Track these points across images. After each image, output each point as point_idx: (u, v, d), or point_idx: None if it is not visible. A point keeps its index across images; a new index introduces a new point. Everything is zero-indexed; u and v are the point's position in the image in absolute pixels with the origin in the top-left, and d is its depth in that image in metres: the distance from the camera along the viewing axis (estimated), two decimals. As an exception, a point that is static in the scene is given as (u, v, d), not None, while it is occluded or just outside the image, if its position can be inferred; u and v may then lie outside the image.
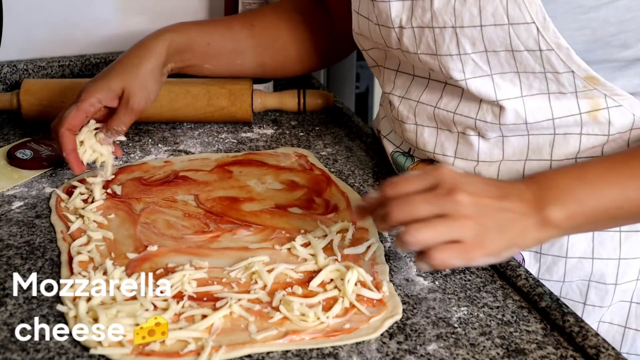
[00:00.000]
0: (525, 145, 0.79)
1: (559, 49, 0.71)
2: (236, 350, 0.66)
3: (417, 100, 0.84)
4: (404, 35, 0.79)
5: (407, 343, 0.68)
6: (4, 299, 0.72)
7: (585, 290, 0.82)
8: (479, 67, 0.76)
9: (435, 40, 0.77)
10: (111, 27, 1.27)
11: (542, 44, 0.71)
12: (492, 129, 0.79)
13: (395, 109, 0.87)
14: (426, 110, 0.83)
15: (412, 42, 0.79)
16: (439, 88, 0.82)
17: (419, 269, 0.69)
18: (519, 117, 0.77)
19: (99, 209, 0.87)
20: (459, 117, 0.80)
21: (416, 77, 0.84)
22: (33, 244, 0.81)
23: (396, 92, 0.87)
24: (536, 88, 0.75)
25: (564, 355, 0.67)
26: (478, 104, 0.79)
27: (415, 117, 0.85)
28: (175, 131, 1.11)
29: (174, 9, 1.30)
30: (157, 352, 0.65)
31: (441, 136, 0.84)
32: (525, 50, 0.72)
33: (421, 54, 0.79)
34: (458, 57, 0.76)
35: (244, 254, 0.79)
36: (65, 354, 0.65)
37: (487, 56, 0.75)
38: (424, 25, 0.77)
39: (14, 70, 1.20)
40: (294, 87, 1.25)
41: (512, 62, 0.74)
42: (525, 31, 0.71)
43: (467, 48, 0.75)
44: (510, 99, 0.76)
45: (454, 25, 0.74)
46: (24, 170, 0.97)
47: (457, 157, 0.83)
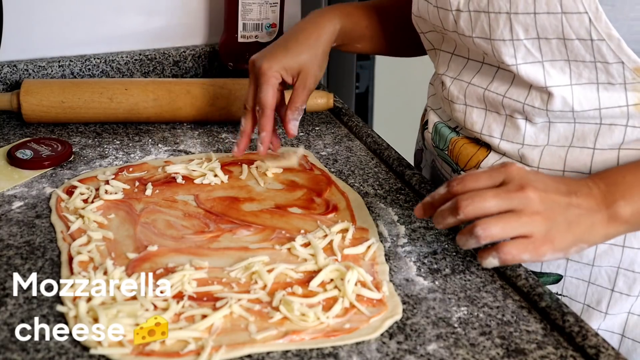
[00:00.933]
0: (571, 132, 0.80)
1: (610, 39, 0.72)
2: (236, 350, 0.66)
3: (468, 82, 0.86)
4: (460, 18, 0.82)
5: (407, 343, 0.68)
6: (4, 299, 0.72)
7: (614, 277, 0.83)
8: (531, 54, 0.77)
9: (490, 25, 0.78)
10: (111, 27, 1.27)
11: (594, 34, 0.72)
12: (539, 114, 0.80)
13: (446, 89, 0.89)
14: (476, 92, 0.85)
15: (468, 25, 0.81)
16: (492, 72, 0.83)
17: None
18: (567, 104, 0.77)
19: (99, 209, 0.87)
20: (508, 100, 0.82)
21: (470, 61, 0.86)
22: (33, 244, 0.81)
23: (449, 74, 0.89)
24: (585, 77, 0.76)
25: (563, 355, 0.67)
26: (527, 90, 0.80)
27: (466, 98, 0.87)
28: (175, 131, 1.11)
29: (174, 9, 1.30)
30: (157, 352, 0.65)
31: (489, 118, 0.85)
32: (577, 39, 0.73)
33: (476, 38, 0.81)
34: (511, 43, 0.78)
35: (244, 254, 0.79)
36: (65, 354, 0.66)
37: (539, 43, 0.76)
38: (480, 10, 0.79)
39: (14, 70, 1.20)
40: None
41: (563, 50, 0.75)
42: (578, 20, 0.72)
43: (520, 34, 0.76)
44: (560, 86, 0.77)
45: (509, 11, 0.76)
46: (24, 170, 0.97)
47: (503, 139, 0.84)
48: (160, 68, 1.29)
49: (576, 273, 0.84)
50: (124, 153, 1.03)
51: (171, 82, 1.12)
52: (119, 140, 1.07)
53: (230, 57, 1.23)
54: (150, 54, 1.28)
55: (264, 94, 0.92)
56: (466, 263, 0.80)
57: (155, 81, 1.13)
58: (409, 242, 0.84)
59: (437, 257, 0.81)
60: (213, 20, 1.32)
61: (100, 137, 1.08)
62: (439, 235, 0.85)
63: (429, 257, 0.81)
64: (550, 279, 0.86)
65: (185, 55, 1.30)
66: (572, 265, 0.84)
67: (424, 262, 0.80)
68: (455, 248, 0.83)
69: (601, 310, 0.84)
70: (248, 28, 1.20)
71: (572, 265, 0.84)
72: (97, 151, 1.04)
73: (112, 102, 1.09)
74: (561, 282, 0.85)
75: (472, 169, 0.87)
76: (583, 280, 0.84)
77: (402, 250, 0.82)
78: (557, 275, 0.85)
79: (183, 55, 1.30)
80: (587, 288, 0.84)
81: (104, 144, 1.06)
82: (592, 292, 0.84)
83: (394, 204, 0.92)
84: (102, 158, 1.02)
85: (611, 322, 0.84)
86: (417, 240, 0.84)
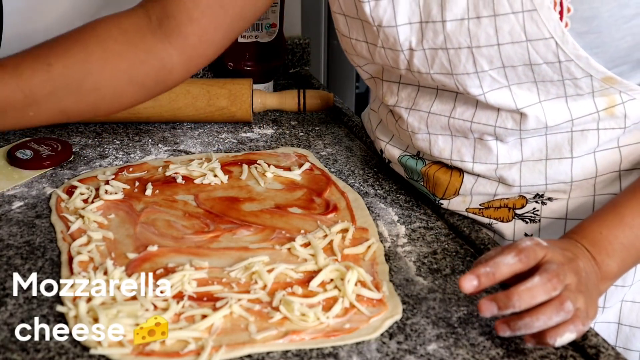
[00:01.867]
0: (544, 144, 0.80)
1: (578, 59, 0.72)
2: (236, 350, 0.66)
3: (427, 111, 0.84)
4: (414, 57, 0.79)
5: (407, 343, 0.68)
6: (4, 299, 0.72)
7: None
8: (497, 81, 0.76)
9: (450, 61, 0.76)
10: (111, 27, 1.27)
11: (562, 56, 0.72)
12: (512, 134, 0.80)
13: (404, 121, 0.86)
14: (440, 120, 0.83)
15: (424, 63, 0.78)
16: (451, 97, 0.82)
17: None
18: (540, 122, 0.77)
19: (99, 209, 0.87)
20: (476, 125, 0.80)
21: (422, 88, 0.84)
22: (33, 244, 0.81)
23: (402, 105, 0.86)
24: (553, 93, 0.76)
25: (564, 355, 0.67)
26: (496, 112, 0.79)
27: (428, 128, 0.84)
28: (175, 131, 1.11)
29: (174, 9, 1.30)
30: (157, 352, 0.65)
31: (457, 142, 0.83)
32: (544, 63, 0.73)
33: (434, 74, 0.79)
34: (475, 75, 0.76)
35: (244, 254, 0.79)
36: (65, 354, 0.66)
37: (504, 71, 0.75)
38: (437, 47, 0.76)
39: (14, 70, 1.19)
40: (294, 87, 1.26)
41: (529, 74, 0.75)
42: (544, 46, 0.72)
43: (484, 66, 0.75)
44: (530, 105, 0.77)
45: (470, 45, 0.74)
46: (24, 170, 0.97)
47: (476, 162, 0.83)
48: (160, 68, 1.29)
49: None
50: (124, 153, 1.03)
51: (171, 82, 1.12)
52: (119, 140, 1.07)
53: (230, 57, 1.23)
54: (150, 54, 1.28)
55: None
56: (466, 263, 0.80)
57: (155, 81, 1.13)
58: (409, 242, 0.84)
59: (437, 257, 0.81)
60: (213, 20, 1.32)
61: (100, 137, 1.08)
62: (439, 235, 0.85)
63: (429, 257, 0.81)
64: None
65: (185, 55, 1.30)
66: None
67: (424, 262, 0.80)
68: (455, 248, 0.83)
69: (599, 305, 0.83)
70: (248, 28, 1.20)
71: None
72: (97, 151, 1.04)
73: (112, 102, 1.09)
74: None
75: (452, 196, 0.86)
76: None
77: (402, 250, 0.82)
78: None
79: (183, 55, 1.30)
80: None
81: (104, 144, 1.06)
82: None
83: (394, 204, 0.92)
84: (102, 158, 1.02)
85: (607, 314, 0.85)
86: (417, 240, 0.84)
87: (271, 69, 1.25)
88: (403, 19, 0.77)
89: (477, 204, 0.86)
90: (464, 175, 0.85)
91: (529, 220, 0.84)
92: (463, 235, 0.85)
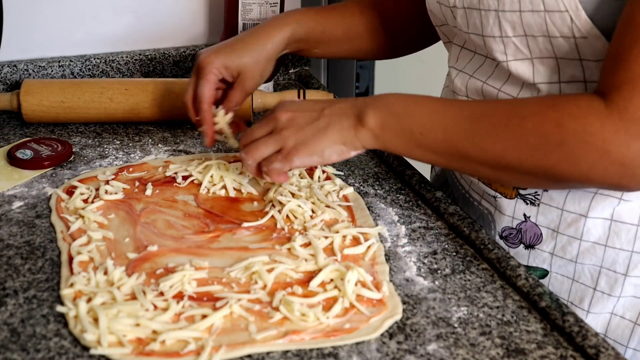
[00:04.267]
0: None
1: (591, 37, 0.73)
2: (236, 350, 0.66)
3: (470, 74, 0.87)
4: (457, 14, 0.84)
5: (407, 343, 0.68)
6: (4, 299, 0.72)
7: (596, 276, 0.83)
8: (520, 51, 0.78)
9: (481, 22, 0.80)
10: (111, 27, 1.27)
11: (576, 32, 0.73)
12: None
13: (451, 81, 0.90)
14: (476, 85, 0.86)
15: (464, 21, 0.83)
16: (492, 66, 0.84)
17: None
18: None
19: (99, 209, 0.87)
20: (502, 94, 0.83)
21: (476, 55, 0.87)
22: (33, 244, 0.81)
23: (457, 66, 0.90)
24: (573, 75, 0.77)
25: (563, 355, 0.67)
26: (520, 86, 0.81)
27: (467, 91, 0.87)
28: (175, 131, 1.11)
29: (174, 9, 1.30)
30: (157, 352, 0.65)
31: None
32: (561, 37, 0.74)
33: (471, 34, 0.83)
34: (500, 39, 0.79)
35: (244, 254, 0.79)
36: (65, 354, 0.66)
37: (526, 40, 0.77)
38: (472, 7, 0.81)
39: (14, 70, 1.20)
40: (294, 87, 1.25)
41: (549, 47, 0.76)
42: (560, 19, 0.73)
43: (509, 31, 0.78)
44: (548, 83, 0.78)
45: (497, 8, 0.77)
46: (24, 170, 0.97)
47: None
48: (160, 68, 1.29)
49: (561, 269, 0.85)
50: (124, 153, 1.03)
51: (171, 82, 1.12)
52: (119, 140, 1.07)
53: (230, 57, 1.23)
54: (150, 54, 1.28)
55: (200, 87, 0.93)
56: (466, 263, 0.80)
57: (155, 81, 1.13)
58: (409, 242, 0.84)
59: (437, 257, 0.81)
60: (213, 20, 1.32)
61: (100, 137, 1.08)
62: (439, 235, 0.85)
63: (429, 257, 0.81)
64: (536, 273, 0.87)
65: (185, 55, 1.30)
66: (556, 260, 0.85)
67: (424, 262, 0.80)
68: (455, 248, 0.83)
69: (583, 308, 0.85)
70: (248, 28, 1.20)
71: (556, 261, 0.85)
72: (97, 151, 1.04)
73: (112, 102, 1.09)
74: (547, 277, 0.87)
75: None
76: (567, 277, 0.85)
77: (402, 250, 0.82)
78: (543, 270, 0.86)
79: (183, 55, 1.30)
80: (571, 285, 0.85)
81: (104, 144, 1.06)
82: (576, 289, 0.85)
83: (394, 204, 0.92)
84: (102, 158, 1.02)
85: (594, 322, 0.85)
86: (417, 240, 0.84)
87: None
88: None
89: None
90: None
91: (530, 202, 0.85)
92: (463, 235, 0.85)
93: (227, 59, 0.94)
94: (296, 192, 0.89)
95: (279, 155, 0.80)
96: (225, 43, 0.97)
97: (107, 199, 0.89)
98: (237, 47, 0.95)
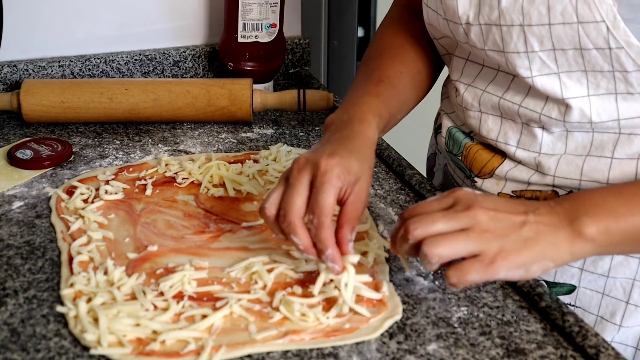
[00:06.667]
0: (589, 141, 0.78)
1: (629, 47, 0.70)
2: (236, 350, 0.66)
3: (483, 89, 0.84)
4: (471, 32, 0.79)
5: (407, 343, 0.68)
6: (4, 299, 0.72)
7: (629, 289, 0.81)
8: (546, 65, 0.75)
9: (502, 38, 0.76)
10: (111, 27, 1.27)
11: (612, 42, 0.70)
12: (556, 125, 0.78)
13: (460, 95, 0.87)
14: (491, 100, 0.83)
15: (479, 38, 0.79)
16: (507, 80, 0.82)
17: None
18: (584, 116, 0.76)
19: (99, 209, 0.87)
20: (524, 110, 0.80)
21: (485, 67, 0.84)
22: (33, 244, 0.81)
23: (463, 80, 0.87)
24: (603, 87, 0.75)
25: (563, 355, 0.67)
26: (544, 100, 0.78)
27: (480, 106, 0.85)
28: (175, 131, 1.11)
29: (174, 9, 1.30)
30: (157, 352, 0.65)
31: (505, 125, 0.83)
32: (594, 49, 0.72)
33: (488, 50, 0.79)
34: (525, 55, 0.76)
35: (244, 254, 0.79)
36: (65, 354, 0.66)
37: (554, 54, 0.74)
38: (491, 23, 0.77)
39: (14, 70, 1.20)
40: (294, 87, 1.25)
41: (580, 61, 0.74)
42: (595, 30, 0.70)
43: (535, 46, 0.74)
44: (577, 97, 0.75)
45: (522, 23, 0.74)
46: (24, 170, 0.97)
47: (520, 147, 0.82)
48: (160, 68, 1.29)
49: (590, 284, 0.83)
50: (124, 153, 1.03)
51: (171, 82, 1.13)
52: (119, 140, 1.07)
53: (230, 57, 1.23)
54: (150, 54, 1.28)
55: (325, 197, 0.70)
56: (466, 263, 0.80)
57: (155, 81, 1.13)
58: (409, 242, 0.84)
59: (437, 257, 0.81)
60: (213, 20, 1.32)
61: (100, 137, 1.08)
62: (439, 235, 0.85)
63: (429, 257, 0.81)
64: (563, 289, 0.84)
65: (185, 55, 1.30)
66: (586, 276, 0.82)
67: (424, 262, 0.80)
68: (455, 248, 0.83)
69: (615, 322, 0.83)
70: (248, 28, 1.20)
71: (586, 276, 0.82)
72: (97, 151, 1.04)
73: (112, 102, 1.09)
74: (574, 292, 0.84)
75: (486, 176, 0.86)
76: (597, 292, 0.83)
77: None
78: (570, 286, 0.84)
79: (183, 55, 1.30)
80: (602, 300, 0.83)
81: (104, 144, 1.06)
82: (607, 303, 0.83)
83: (394, 204, 0.92)
84: (102, 158, 1.02)
85: (625, 335, 0.83)
86: (417, 240, 0.84)
87: (271, 69, 1.25)
88: None
89: (509, 190, 0.85)
90: (505, 158, 0.85)
91: None
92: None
93: (350, 164, 0.73)
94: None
95: (477, 263, 0.65)
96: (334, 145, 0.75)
97: (107, 199, 0.89)
98: (353, 150, 0.75)
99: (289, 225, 0.70)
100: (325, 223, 0.69)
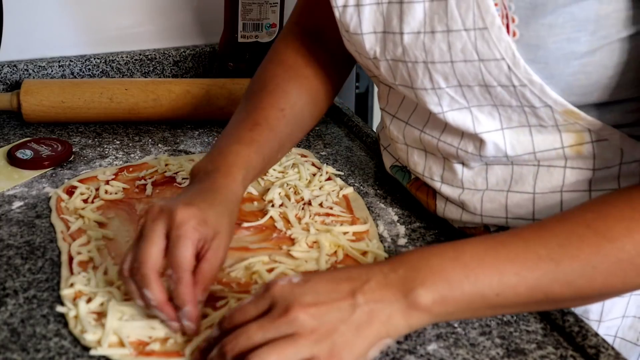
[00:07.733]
0: (509, 174, 0.76)
1: (532, 84, 0.67)
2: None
3: (405, 121, 0.82)
4: (380, 67, 0.77)
5: (407, 343, 0.68)
6: (4, 299, 0.72)
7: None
8: (455, 101, 0.73)
9: (409, 74, 0.74)
10: (111, 27, 1.27)
11: (515, 80, 0.68)
12: (473, 159, 0.77)
13: (387, 127, 0.85)
14: (413, 133, 0.81)
15: (389, 73, 0.76)
16: (426, 113, 0.79)
17: None
18: (499, 150, 0.74)
19: (99, 209, 0.87)
20: (442, 144, 0.78)
21: (406, 98, 0.82)
22: (33, 244, 0.81)
23: (389, 110, 0.85)
24: (516, 121, 0.72)
25: (563, 355, 0.67)
26: (460, 135, 0.76)
27: (405, 138, 0.83)
28: (175, 131, 1.11)
29: (174, 9, 1.30)
30: (157, 352, 0.65)
31: (429, 160, 0.82)
32: (499, 86, 0.69)
33: (399, 85, 0.77)
34: (433, 91, 0.73)
35: (244, 254, 0.79)
36: (65, 354, 0.66)
37: (462, 90, 0.72)
38: (396, 59, 0.74)
39: (14, 70, 1.20)
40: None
41: (487, 96, 0.71)
42: (496, 67, 0.67)
43: (441, 83, 0.72)
44: (490, 131, 0.73)
45: (425, 60, 0.71)
46: (24, 170, 0.97)
47: (444, 183, 0.81)
48: (160, 68, 1.29)
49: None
50: (124, 153, 1.03)
51: (171, 82, 1.13)
52: (119, 140, 1.07)
53: (230, 57, 1.23)
54: (150, 54, 1.28)
55: (182, 251, 0.66)
56: (466, 263, 0.80)
57: (155, 81, 1.13)
58: (409, 242, 0.84)
59: (437, 257, 0.81)
60: (213, 20, 1.32)
61: (100, 137, 1.08)
62: (439, 235, 0.85)
63: (429, 257, 0.81)
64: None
65: (185, 55, 1.30)
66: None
67: (424, 262, 0.80)
68: (455, 248, 0.83)
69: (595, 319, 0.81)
70: (248, 28, 1.20)
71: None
72: (97, 151, 1.04)
73: (112, 102, 1.09)
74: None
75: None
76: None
77: (402, 250, 0.82)
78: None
79: (183, 55, 1.30)
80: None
81: (104, 144, 1.06)
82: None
83: (394, 204, 0.92)
84: (102, 158, 1.02)
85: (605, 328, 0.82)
86: (417, 240, 0.84)
87: (271, 69, 1.25)
88: (368, 28, 0.75)
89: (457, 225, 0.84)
90: (436, 196, 0.83)
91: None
92: (463, 236, 0.85)
93: (208, 215, 0.69)
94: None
95: None
96: (191, 195, 0.72)
97: (107, 199, 0.89)
98: (211, 201, 0.71)
99: (142, 278, 0.65)
100: (184, 278, 0.65)
